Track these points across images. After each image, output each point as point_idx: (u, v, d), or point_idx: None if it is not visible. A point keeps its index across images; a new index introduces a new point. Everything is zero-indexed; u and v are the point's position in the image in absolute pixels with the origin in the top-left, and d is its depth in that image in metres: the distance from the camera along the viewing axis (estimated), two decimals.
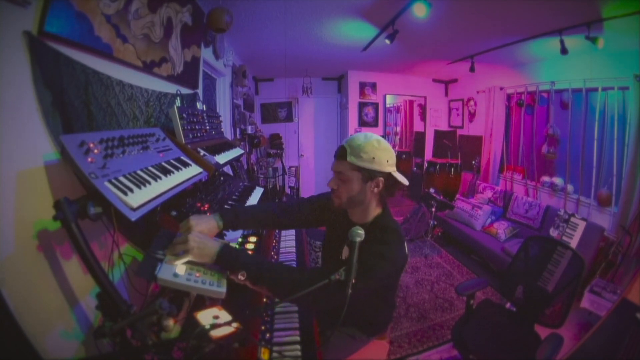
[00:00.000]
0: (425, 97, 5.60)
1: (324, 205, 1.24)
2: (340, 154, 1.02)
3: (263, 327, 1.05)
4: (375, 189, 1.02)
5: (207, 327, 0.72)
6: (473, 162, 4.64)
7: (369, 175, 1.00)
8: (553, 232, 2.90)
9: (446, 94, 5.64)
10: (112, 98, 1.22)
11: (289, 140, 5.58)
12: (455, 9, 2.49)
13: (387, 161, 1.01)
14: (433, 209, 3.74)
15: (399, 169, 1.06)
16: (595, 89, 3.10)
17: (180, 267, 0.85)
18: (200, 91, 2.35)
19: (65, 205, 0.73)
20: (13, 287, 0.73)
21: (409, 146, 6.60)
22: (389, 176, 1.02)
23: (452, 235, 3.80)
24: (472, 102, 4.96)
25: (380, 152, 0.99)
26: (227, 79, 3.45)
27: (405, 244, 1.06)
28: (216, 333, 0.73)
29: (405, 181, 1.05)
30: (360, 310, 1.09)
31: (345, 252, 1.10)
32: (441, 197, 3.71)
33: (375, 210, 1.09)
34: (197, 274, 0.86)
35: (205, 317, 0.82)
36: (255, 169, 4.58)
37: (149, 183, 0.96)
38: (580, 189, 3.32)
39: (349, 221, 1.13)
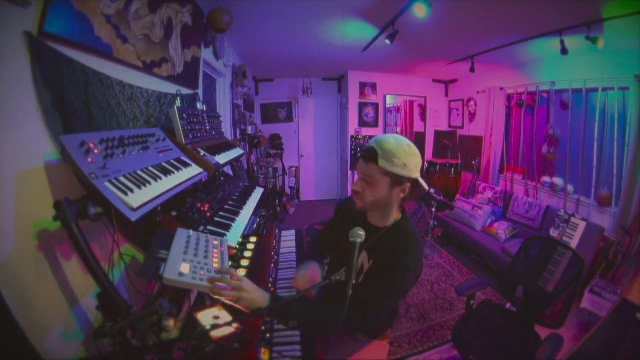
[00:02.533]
0: (425, 97, 5.59)
1: (343, 214, 1.28)
2: (371, 156, 0.97)
3: (263, 327, 1.04)
4: (401, 194, 1.01)
5: (208, 327, 0.72)
6: (473, 162, 4.63)
7: (398, 180, 0.98)
8: (553, 232, 2.90)
9: (446, 94, 5.64)
10: (112, 98, 1.22)
11: (289, 140, 5.57)
12: (455, 9, 2.49)
13: (416, 167, 0.99)
14: (433, 209, 3.73)
15: None
16: (595, 89, 3.09)
17: (184, 265, 0.85)
18: (200, 91, 2.35)
19: (65, 205, 0.73)
20: (13, 287, 0.73)
21: None
22: (414, 181, 1.01)
23: (452, 235, 3.80)
24: (472, 102, 4.96)
25: (411, 158, 0.97)
26: (227, 79, 3.45)
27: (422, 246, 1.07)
28: (216, 333, 0.73)
29: (426, 186, 1.04)
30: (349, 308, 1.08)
31: (361, 258, 1.08)
32: (441, 197, 3.70)
33: (395, 214, 1.08)
34: (202, 272, 0.87)
35: (205, 317, 0.82)
36: (255, 169, 4.58)
37: (149, 183, 0.96)
38: (580, 189, 3.31)
39: (367, 224, 1.11)
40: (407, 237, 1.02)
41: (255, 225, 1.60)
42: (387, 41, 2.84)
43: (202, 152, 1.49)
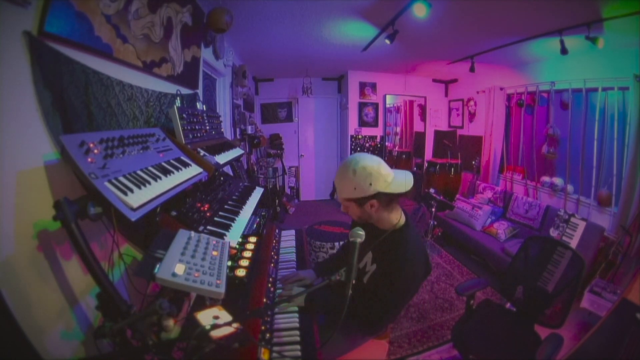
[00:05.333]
0: (425, 97, 5.59)
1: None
2: (333, 192, 1.17)
3: (263, 327, 1.04)
4: (373, 208, 1.08)
5: (208, 327, 0.72)
6: (473, 162, 4.63)
7: (360, 201, 1.07)
8: (553, 232, 2.90)
9: (446, 94, 5.64)
10: (112, 98, 1.22)
11: (289, 140, 5.57)
12: (455, 9, 2.49)
13: (370, 184, 1.03)
14: (433, 209, 3.74)
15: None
16: (595, 89, 3.09)
17: (179, 266, 0.85)
18: (200, 91, 2.35)
19: (65, 205, 0.73)
20: (13, 287, 0.73)
21: (409, 146, 6.59)
22: (379, 194, 1.04)
23: (452, 235, 3.80)
24: (472, 102, 4.96)
25: (358, 180, 1.03)
26: (227, 79, 3.45)
27: (424, 253, 1.13)
28: (216, 333, 0.73)
29: (403, 188, 1.07)
30: (359, 309, 1.12)
31: (367, 258, 1.18)
32: (441, 197, 3.71)
33: (392, 218, 1.13)
34: (196, 274, 0.86)
35: (205, 317, 0.81)
36: (255, 169, 4.58)
37: (149, 183, 0.96)
38: (580, 189, 3.31)
39: (374, 227, 1.17)
40: (407, 246, 1.09)
41: (255, 225, 1.60)
42: (387, 41, 2.84)
43: (202, 152, 1.49)
